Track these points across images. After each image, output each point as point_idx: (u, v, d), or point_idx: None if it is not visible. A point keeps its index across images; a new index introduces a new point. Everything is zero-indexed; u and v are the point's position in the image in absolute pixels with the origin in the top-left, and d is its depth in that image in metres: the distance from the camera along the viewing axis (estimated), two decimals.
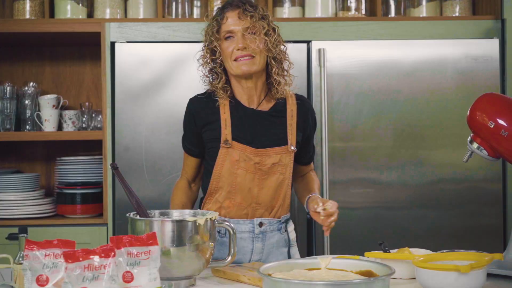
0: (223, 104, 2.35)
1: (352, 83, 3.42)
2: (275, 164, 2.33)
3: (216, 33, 2.32)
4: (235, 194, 2.32)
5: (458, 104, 3.43)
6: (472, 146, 2.07)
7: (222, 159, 2.32)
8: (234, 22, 2.30)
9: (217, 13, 2.36)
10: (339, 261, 1.78)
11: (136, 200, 1.97)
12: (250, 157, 2.30)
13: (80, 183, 3.60)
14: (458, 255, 1.85)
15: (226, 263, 1.99)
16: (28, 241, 1.61)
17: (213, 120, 2.35)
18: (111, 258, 1.54)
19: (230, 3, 2.35)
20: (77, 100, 3.94)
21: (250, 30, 2.29)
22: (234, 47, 2.29)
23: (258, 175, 2.32)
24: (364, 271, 1.72)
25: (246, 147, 2.31)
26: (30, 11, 3.60)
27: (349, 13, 3.67)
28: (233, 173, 2.31)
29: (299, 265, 1.78)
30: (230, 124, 2.32)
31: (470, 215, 3.45)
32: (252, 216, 2.34)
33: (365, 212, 3.41)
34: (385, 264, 1.71)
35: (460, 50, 3.46)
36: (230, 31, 2.30)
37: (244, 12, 2.30)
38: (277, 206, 2.36)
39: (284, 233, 2.40)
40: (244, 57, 2.28)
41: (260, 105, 2.38)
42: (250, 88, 2.35)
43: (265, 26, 2.31)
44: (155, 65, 3.38)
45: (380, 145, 3.43)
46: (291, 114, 2.39)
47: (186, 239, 1.84)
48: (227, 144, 2.31)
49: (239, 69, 2.30)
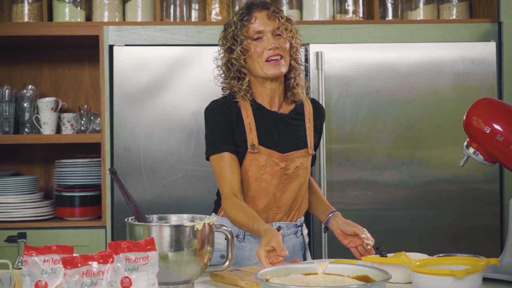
0: (245, 107, 2.32)
1: (350, 85, 3.44)
2: (298, 168, 2.33)
3: (245, 32, 2.28)
4: (259, 199, 2.31)
5: (455, 107, 3.44)
6: (468, 151, 2.07)
7: (248, 164, 2.29)
8: (264, 22, 2.28)
9: (243, 13, 2.31)
10: (336, 266, 1.78)
11: (134, 205, 1.97)
12: (277, 162, 2.29)
13: (79, 186, 3.61)
14: (454, 259, 1.86)
15: (224, 268, 1.99)
16: (27, 247, 1.62)
17: (237, 123, 2.31)
18: (110, 264, 1.55)
19: (255, 4, 2.32)
20: (75, 102, 3.95)
21: (279, 31, 2.29)
22: (265, 47, 2.27)
23: (282, 179, 2.31)
24: (361, 276, 1.71)
25: (273, 152, 2.29)
26: (29, 14, 3.61)
27: (346, 16, 3.68)
28: (259, 178, 2.29)
29: (296, 270, 1.78)
30: (255, 128, 2.30)
31: (467, 216, 3.47)
32: (272, 220, 2.33)
33: (363, 213, 3.42)
34: (382, 269, 1.71)
35: (457, 53, 3.47)
36: (260, 31, 2.28)
37: (273, 13, 2.29)
38: (295, 209, 2.37)
39: (300, 237, 2.41)
40: (275, 56, 2.26)
41: (281, 108, 2.37)
42: (273, 90, 2.34)
43: (291, 29, 2.32)
44: (153, 68, 3.39)
45: (377, 147, 3.44)
46: (308, 117, 2.40)
47: (184, 244, 1.85)
48: (254, 149, 2.28)
49: (270, 70, 2.27)
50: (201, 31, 3.45)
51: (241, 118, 2.31)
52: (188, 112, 3.37)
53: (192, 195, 3.36)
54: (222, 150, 2.28)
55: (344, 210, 3.38)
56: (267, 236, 2.00)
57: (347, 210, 3.41)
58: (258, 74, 2.30)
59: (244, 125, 2.30)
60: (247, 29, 2.28)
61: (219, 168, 2.28)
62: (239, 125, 2.31)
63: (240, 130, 2.30)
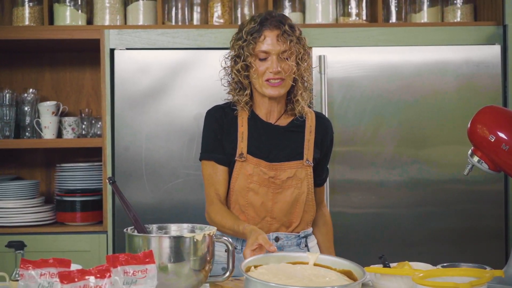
0: (241, 116, 2.33)
1: (353, 88, 3.41)
2: (290, 178, 2.30)
3: (251, 49, 2.24)
4: (248, 208, 2.30)
5: (459, 110, 3.42)
6: (473, 159, 2.05)
7: (236, 173, 2.29)
8: (272, 43, 2.23)
9: (254, 28, 2.26)
10: (326, 258, 1.95)
11: (133, 215, 1.95)
12: (264, 171, 2.28)
13: (80, 190, 3.58)
14: (458, 271, 1.83)
15: (224, 278, 1.97)
16: (24, 260, 1.59)
17: (231, 131, 2.32)
18: (107, 278, 1.53)
19: (269, 19, 2.26)
20: (76, 106, 3.93)
21: (286, 55, 2.25)
22: (268, 69, 2.24)
23: (272, 188, 2.29)
24: (346, 271, 1.88)
25: (261, 161, 2.29)
26: (29, 18, 3.58)
27: (349, 19, 3.65)
28: (246, 187, 2.29)
29: (287, 258, 1.91)
30: (246, 137, 2.30)
31: (472, 217, 3.46)
32: (268, 231, 2.31)
33: (367, 215, 3.42)
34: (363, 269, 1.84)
35: (462, 56, 3.44)
36: (266, 52, 2.24)
37: (283, 35, 2.24)
38: (296, 221, 2.34)
39: (304, 248, 2.36)
40: (275, 80, 2.25)
41: (278, 120, 2.36)
42: (272, 105, 2.33)
43: (300, 51, 2.27)
44: (154, 72, 3.36)
45: (381, 150, 3.42)
46: (309, 130, 2.37)
47: (184, 255, 1.83)
48: (242, 157, 2.28)
49: (268, 91, 2.26)
50: (202, 34, 3.42)
51: (236, 126, 2.32)
52: (190, 116, 3.34)
53: (193, 200, 3.34)
54: (213, 159, 2.32)
55: (348, 212, 3.39)
56: (253, 236, 2.03)
57: (351, 212, 3.40)
58: (258, 90, 2.31)
59: (237, 134, 2.30)
60: (253, 46, 2.24)
61: (208, 175, 2.33)
62: (232, 133, 2.31)
63: (232, 138, 2.31)
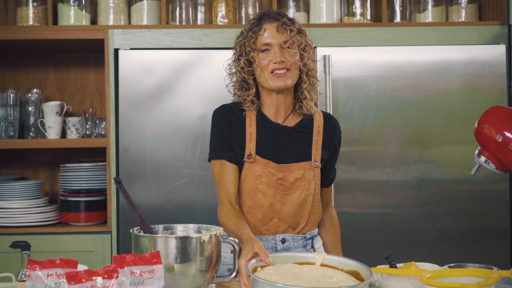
0: (249, 116, 2.32)
1: (358, 88, 3.41)
2: (298, 180, 2.30)
3: (253, 44, 2.26)
4: (256, 210, 2.29)
5: (464, 110, 3.41)
6: (480, 159, 2.04)
7: (245, 174, 2.28)
8: (272, 34, 2.25)
9: (253, 24, 2.29)
10: (333, 258, 1.96)
11: (140, 215, 1.95)
12: (273, 172, 2.27)
13: (84, 190, 3.58)
14: (466, 271, 1.83)
15: (230, 279, 1.97)
16: (30, 261, 1.59)
17: (239, 131, 2.31)
18: (114, 279, 1.52)
19: (267, 14, 2.29)
20: (80, 106, 3.93)
21: (288, 44, 2.26)
22: (271, 60, 2.24)
23: (280, 190, 2.29)
24: (353, 271, 1.87)
25: (269, 162, 2.28)
26: (34, 18, 3.58)
27: (354, 19, 3.64)
28: (254, 188, 2.28)
29: (294, 258, 1.93)
30: (255, 138, 2.29)
31: (477, 216, 3.45)
32: (275, 232, 2.30)
33: (371, 215, 3.41)
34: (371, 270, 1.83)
35: (466, 56, 3.44)
36: (268, 44, 2.25)
37: (283, 26, 2.25)
38: (303, 222, 2.33)
39: (310, 250, 2.35)
40: (280, 70, 2.25)
41: (286, 120, 2.35)
42: (280, 101, 2.32)
43: (302, 41, 2.28)
44: (159, 72, 3.36)
45: (386, 150, 3.41)
46: (317, 131, 2.36)
47: (191, 256, 1.82)
48: (250, 158, 2.27)
49: (274, 83, 2.26)
50: (207, 34, 3.41)
51: (244, 126, 2.31)
52: (194, 116, 3.34)
53: (198, 200, 3.33)
54: (222, 157, 2.30)
55: (353, 212, 3.39)
56: (248, 245, 1.94)
57: (356, 212, 3.39)
58: (264, 85, 2.29)
59: (246, 134, 2.29)
60: (254, 40, 2.26)
61: (218, 174, 2.32)
62: (241, 133, 2.30)
63: (241, 138, 2.30)
